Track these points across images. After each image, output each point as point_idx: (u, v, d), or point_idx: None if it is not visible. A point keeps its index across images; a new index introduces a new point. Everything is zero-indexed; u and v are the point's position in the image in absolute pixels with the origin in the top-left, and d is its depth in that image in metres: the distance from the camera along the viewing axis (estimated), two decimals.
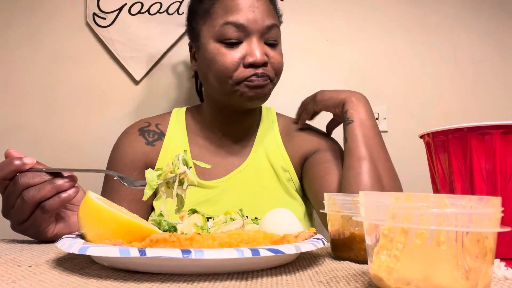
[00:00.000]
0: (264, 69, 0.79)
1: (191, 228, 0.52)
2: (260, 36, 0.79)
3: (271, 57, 0.80)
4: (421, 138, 0.53)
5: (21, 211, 0.55)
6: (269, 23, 0.79)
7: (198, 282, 0.36)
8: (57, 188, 0.55)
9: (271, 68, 0.81)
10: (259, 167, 0.88)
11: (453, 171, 0.47)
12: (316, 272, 0.41)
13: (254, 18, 0.78)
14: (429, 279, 0.29)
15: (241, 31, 0.78)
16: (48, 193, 0.54)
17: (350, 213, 0.47)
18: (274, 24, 0.80)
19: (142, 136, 0.89)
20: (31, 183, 0.54)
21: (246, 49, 0.78)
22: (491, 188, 0.44)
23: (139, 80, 1.20)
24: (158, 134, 0.90)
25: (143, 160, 0.87)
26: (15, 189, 0.54)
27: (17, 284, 0.34)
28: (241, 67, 0.78)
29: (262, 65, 0.79)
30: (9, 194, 0.55)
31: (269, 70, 0.80)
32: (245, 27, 0.78)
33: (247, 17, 0.78)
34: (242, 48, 0.78)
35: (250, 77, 0.78)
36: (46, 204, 0.54)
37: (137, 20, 1.19)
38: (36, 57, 1.22)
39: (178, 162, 0.52)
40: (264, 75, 0.79)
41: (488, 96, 1.21)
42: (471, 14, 1.23)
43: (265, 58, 0.79)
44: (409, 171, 1.15)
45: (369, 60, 1.22)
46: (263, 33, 0.79)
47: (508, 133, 0.43)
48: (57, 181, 0.55)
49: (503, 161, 0.43)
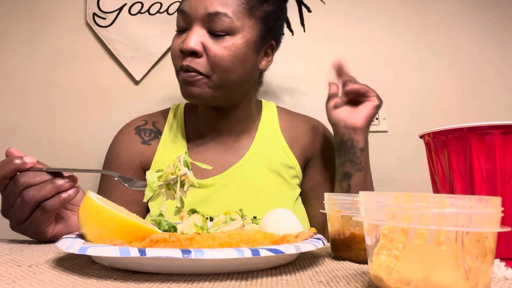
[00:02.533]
0: (194, 61, 0.73)
1: (191, 228, 0.52)
2: (201, 24, 0.74)
3: (208, 49, 0.73)
4: (421, 138, 0.53)
5: (21, 211, 0.55)
6: (212, 11, 0.72)
7: (198, 282, 0.36)
8: (58, 188, 0.54)
9: (205, 61, 0.73)
10: (257, 164, 0.86)
11: (453, 171, 0.46)
12: (316, 272, 0.41)
13: (196, 5, 0.73)
14: (429, 279, 0.29)
15: (185, 18, 0.75)
16: (49, 193, 0.54)
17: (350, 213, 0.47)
18: (219, 13, 0.73)
19: (138, 135, 0.87)
20: (31, 182, 0.54)
21: (184, 36, 0.75)
22: (491, 188, 0.44)
23: (139, 80, 1.20)
24: (155, 132, 0.88)
25: (138, 159, 0.85)
26: (15, 188, 0.54)
27: (17, 284, 0.34)
28: (181, 55, 0.75)
29: (192, 55, 0.73)
30: (9, 194, 0.55)
31: (200, 63, 0.73)
32: (187, 13, 0.74)
33: (190, 4, 0.74)
34: (184, 36, 0.75)
35: (181, 69, 0.74)
36: (46, 204, 0.54)
37: (137, 20, 1.19)
38: (36, 57, 1.22)
39: (180, 164, 0.52)
40: (190, 69, 0.73)
41: (488, 96, 1.21)
42: (471, 14, 1.23)
43: (194, 47, 0.72)
44: (409, 171, 1.15)
45: (369, 60, 1.22)
46: (204, 20, 0.73)
47: (508, 133, 0.43)
48: (58, 181, 0.54)
49: (503, 161, 0.43)
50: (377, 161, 1.19)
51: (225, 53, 0.73)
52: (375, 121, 1.18)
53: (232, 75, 0.76)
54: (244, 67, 0.77)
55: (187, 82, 0.75)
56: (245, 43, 0.76)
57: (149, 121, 0.90)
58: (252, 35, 0.77)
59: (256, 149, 0.87)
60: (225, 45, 0.73)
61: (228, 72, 0.75)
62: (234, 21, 0.74)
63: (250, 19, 0.76)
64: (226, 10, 0.73)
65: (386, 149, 1.18)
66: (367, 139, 0.79)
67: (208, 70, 0.74)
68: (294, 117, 0.94)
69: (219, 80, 0.75)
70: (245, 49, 0.76)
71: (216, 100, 0.79)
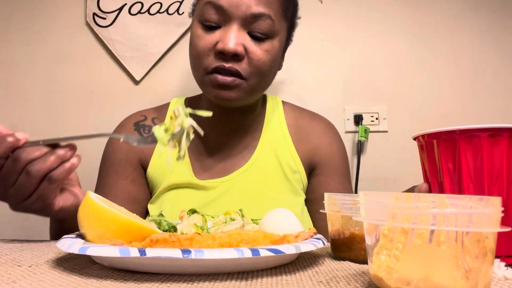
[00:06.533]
0: (235, 63, 0.68)
1: (191, 228, 0.52)
2: (242, 24, 0.68)
3: (250, 52, 0.69)
4: (414, 140, 0.54)
5: (26, 187, 0.52)
6: (256, 11, 0.67)
7: (198, 282, 0.36)
8: (61, 157, 0.53)
9: (247, 65, 0.69)
10: (265, 166, 0.80)
11: (443, 171, 0.48)
12: (316, 272, 0.41)
13: (238, 2, 0.67)
14: (429, 279, 0.29)
15: (221, 15, 0.68)
16: (53, 164, 0.52)
17: (350, 213, 0.47)
18: (264, 14, 0.68)
19: (137, 131, 0.84)
20: (33, 156, 0.52)
21: (221, 35, 0.68)
22: (478, 188, 0.45)
23: (139, 80, 1.20)
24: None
25: (137, 156, 0.82)
26: (16, 165, 0.52)
27: (17, 284, 0.34)
28: (213, 54, 0.69)
29: (234, 58, 0.68)
30: (8, 173, 0.52)
31: (243, 67, 0.69)
32: (225, 10, 0.68)
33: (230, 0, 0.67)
34: (219, 34, 0.69)
35: (216, 71, 0.68)
36: (53, 174, 0.52)
37: (137, 20, 1.19)
38: (36, 57, 1.22)
39: (183, 116, 0.53)
40: (232, 71, 0.68)
41: (487, 96, 1.21)
42: (471, 14, 1.23)
43: (238, 49, 0.67)
44: (408, 171, 1.15)
45: (369, 60, 1.22)
46: (246, 21, 0.68)
47: (495, 135, 0.44)
48: (59, 151, 0.53)
49: (490, 162, 0.45)
50: (377, 161, 1.19)
51: (264, 57, 0.70)
52: (375, 121, 1.18)
53: (267, 80, 0.74)
54: (274, 70, 0.76)
55: (223, 86, 0.69)
56: (280, 46, 0.73)
57: (149, 116, 0.86)
58: (284, 37, 0.74)
59: (262, 152, 0.81)
60: (266, 49, 0.70)
61: (265, 76, 0.72)
62: (275, 23, 0.70)
63: (284, 21, 0.73)
64: (270, 12, 0.69)
65: (386, 149, 1.18)
66: None
67: (248, 74, 0.70)
68: (301, 113, 0.88)
69: (255, 84, 0.72)
70: (279, 53, 0.74)
71: (243, 103, 0.76)
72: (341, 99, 1.19)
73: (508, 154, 0.44)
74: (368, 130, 1.16)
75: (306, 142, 0.83)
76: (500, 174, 0.44)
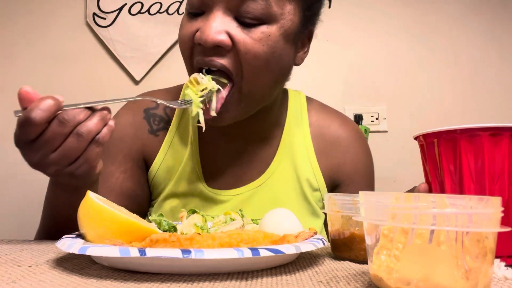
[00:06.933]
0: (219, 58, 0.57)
1: (191, 228, 0.52)
2: (227, 7, 0.57)
3: (237, 41, 0.56)
4: (415, 139, 0.54)
5: (74, 150, 0.49)
6: None
7: (198, 282, 0.36)
8: (105, 119, 0.51)
9: (236, 57, 0.57)
10: (282, 182, 0.70)
11: (444, 171, 0.48)
12: (316, 272, 0.41)
13: None
14: (429, 279, 0.29)
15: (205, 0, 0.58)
16: (100, 126, 0.51)
17: (350, 213, 0.47)
18: None
19: (147, 120, 0.74)
20: (81, 118, 0.49)
21: (202, 22, 0.58)
22: (479, 188, 0.45)
23: (139, 80, 1.20)
24: (165, 121, 0.74)
25: (141, 150, 0.73)
26: (63, 129, 0.48)
27: (17, 284, 0.34)
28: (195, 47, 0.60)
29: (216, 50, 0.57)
30: (54, 137, 0.48)
31: (228, 62, 0.57)
32: None
33: None
34: (200, 21, 0.58)
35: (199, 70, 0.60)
36: (99, 137, 0.51)
37: (137, 20, 1.20)
38: (36, 57, 1.22)
39: (209, 78, 0.58)
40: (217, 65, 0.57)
41: (488, 95, 1.21)
42: (471, 14, 1.23)
43: (219, 38, 0.55)
44: (409, 171, 1.15)
45: (369, 60, 1.22)
46: (231, 3, 0.56)
47: (496, 135, 0.44)
48: (102, 114, 0.51)
49: (491, 162, 0.45)
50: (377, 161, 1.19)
51: (260, 48, 0.57)
52: (375, 121, 1.18)
53: (265, 78, 0.60)
54: (280, 65, 0.61)
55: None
56: (283, 34, 0.59)
57: (161, 104, 0.75)
58: (294, 23, 0.60)
59: (279, 164, 0.71)
60: (259, 37, 0.57)
61: (263, 74, 0.59)
62: (272, 5, 0.57)
63: (291, 2, 0.59)
64: None
65: (386, 149, 1.18)
66: None
67: (236, 69, 0.58)
68: (328, 117, 0.76)
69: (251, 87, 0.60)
70: (283, 42, 0.60)
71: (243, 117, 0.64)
72: (341, 99, 1.19)
73: (509, 154, 0.44)
74: (368, 130, 1.16)
75: (330, 156, 0.73)
76: (501, 173, 0.44)
